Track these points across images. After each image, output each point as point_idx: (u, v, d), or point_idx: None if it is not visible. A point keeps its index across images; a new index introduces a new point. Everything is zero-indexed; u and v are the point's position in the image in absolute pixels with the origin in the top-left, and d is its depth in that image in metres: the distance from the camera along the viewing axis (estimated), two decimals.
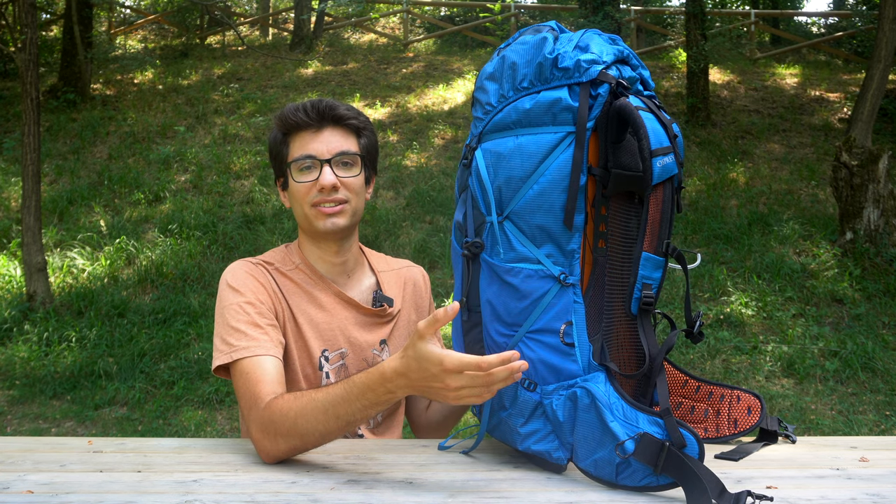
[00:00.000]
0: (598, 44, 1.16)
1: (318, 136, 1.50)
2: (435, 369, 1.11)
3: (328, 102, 1.52)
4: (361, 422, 1.23)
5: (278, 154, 1.54)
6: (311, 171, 1.49)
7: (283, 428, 1.24)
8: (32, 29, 6.67)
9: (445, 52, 14.59)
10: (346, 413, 1.21)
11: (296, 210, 1.53)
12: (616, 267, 1.18)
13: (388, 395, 1.18)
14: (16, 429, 5.00)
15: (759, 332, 6.30)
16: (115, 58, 12.94)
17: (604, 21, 9.40)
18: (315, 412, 1.22)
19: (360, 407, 1.20)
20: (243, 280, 1.48)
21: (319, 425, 1.22)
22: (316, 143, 1.49)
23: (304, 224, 1.53)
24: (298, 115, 1.49)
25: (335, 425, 1.22)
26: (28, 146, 6.57)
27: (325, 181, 1.47)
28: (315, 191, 1.48)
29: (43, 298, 6.56)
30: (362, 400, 1.20)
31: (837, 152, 7.31)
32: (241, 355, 1.37)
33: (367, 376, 1.20)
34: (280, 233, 7.80)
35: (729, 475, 1.18)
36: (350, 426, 1.22)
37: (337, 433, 1.23)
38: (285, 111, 1.52)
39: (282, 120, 1.52)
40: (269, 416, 1.26)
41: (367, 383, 1.19)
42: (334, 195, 1.48)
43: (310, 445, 1.25)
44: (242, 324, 1.41)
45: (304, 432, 1.23)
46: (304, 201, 1.49)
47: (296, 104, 1.52)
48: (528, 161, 1.15)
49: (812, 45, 14.75)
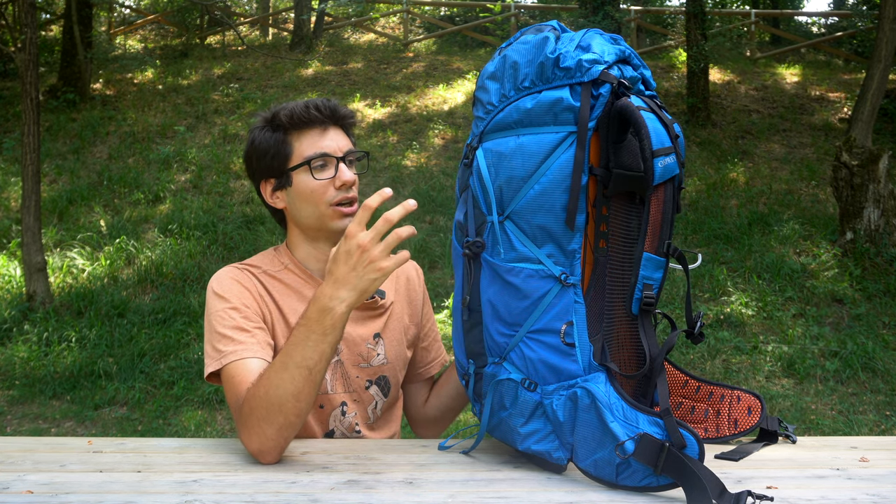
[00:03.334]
0: (599, 43, 1.16)
1: (327, 134, 1.50)
2: (343, 246, 1.18)
3: (332, 102, 1.52)
4: (321, 363, 1.22)
5: (278, 153, 1.50)
6: (327, 168, 1.49)
7: (260, 410, 1.23)
8: (32, 29, 6.67)
9: (445, 52, 14.59)
10: (303, 357, 1.21)
11: (304, 210, 1.50)
12: (617, 267, 1.18)
13: (328, 314, 1.20)
14: (16, 429, 5.00)
15: (759, 332, 6.30)
16: (115, 58, 12.94)
17: (604, 21, 9.41)
18: (277, 374, 1.23)
19: (312, 344, 1.21)
20: (228, 286, 1.48)
21: (287, 385, 1.22)
22: (327, 141, 1.49)
23: (314, 223, 1.51)
24: (311, 111, 1.48)
25: (300, 376, 1.21)
26: (28, 146, 6.57)
27: (347, 177, 1.47)
28: (332, 189, 1.48)
29: (43, 298, 6.56)
30: (311, 335, 1.21)
31: (837, 152, 7.31)
32: (228, 360, 1.37)
33: (304, 312, 1.23)
34: (280, 233, 7.80)
35: (729, 475, 1.18)
36: (314, 374, 1.22)
37: (306, 388, 1.22)
38: (292, 108, 1.50)
39: (290, 117, 1.49)
40: (248, 408, 1.25)
41: (306, 315, 1.22)
42: (352, 192, 1.49)
43: (291, 416, 1.23)
44: (229, 329, 1.41)
45: (278, 402, 1.22)
46: (321, 200, 1.48)
47: (298, 102, 1.51)
48: (530, 161, 1.15)
49: (812, 45, 14.75)
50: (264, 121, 1.54)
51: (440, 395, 1.67)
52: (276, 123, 1.51)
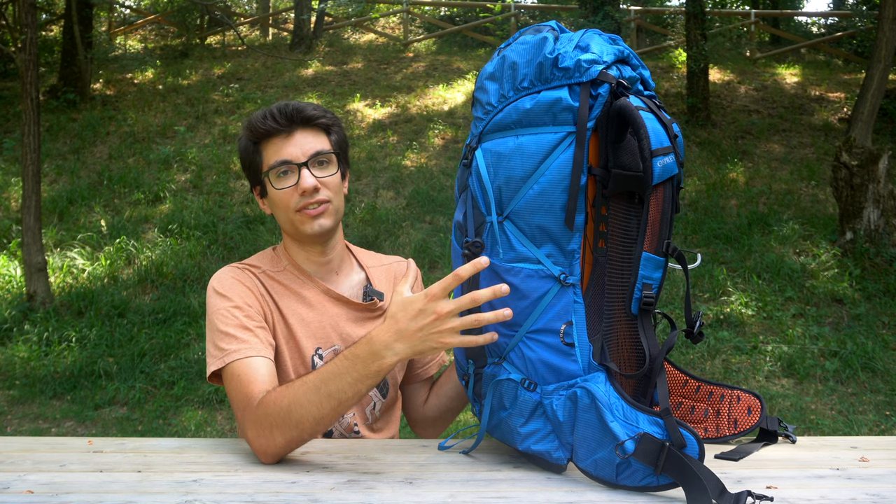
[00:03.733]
0: (598, 44, 1.16)
1: (291, 140, 1.48)
2: (420, 303, 1.14)
3: (295, 105, 1.50)
4: (354, 399, 1.21)
5: (251, 163, 1.52)
6: (290, 176, 1.48)
7: (277, 419, 1.23)
8: (32, 29, 6.67)
9: (445, 52, 14.59)
10: (338, 389, 1.20)
11: (279, 217, 1.52)
12: (616, 267, 1.18)
13: (377, 361, 1.17)
14: (16, 429, 5.00)
15: (759, 332, 6.30)
16: (115, 58, 12.93)
17: (604, 21, 9.41)
18: (307, 394, 1.21)
19: (350, 381, 1.19)
20: (230, 285, 1.48)
21: (313, 408, 1.21)
22: (290, 147, 1.48)
23: (290, 229, 1.52)
24: (267, 122, 1.47)
25: (328, 405, 1.20)
26: (28, 146, 6.57)
27: (305, 184, 1.45)
28: (296, 196, 1.47)
29: (43, 298, 6.56)
30: (352, 373, 1.19)
31: (837, 152, 7.31)
32: (231, 359, 1.37)
33: (354, 347, 1.20)
34: (280, 233, 7.79)
35: (729, 475, 1.18)
36: (342, 406, 1.21)
37: (330, 416, 1.22)
38: (253, 120, 1.50)
39: (251, 129, 1.50)
40: (263, 411, 1.25)
41: (355, 353, 1.19)
42: (316, 196, 1.47)
43: (306, 434, 1.23)
44: (231, 328, 1.41)
45: (298, 419, 1.21)
46: (288, 208, 1.48)
47: (263, 111, 1.50)
48: (529, 161, 1.15)
49: (812, 45, 14.75)
50: (244, 128, 1.54)
51: (440, 396, 1.67)
52: (248, 133, 1.52)
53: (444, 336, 1.15)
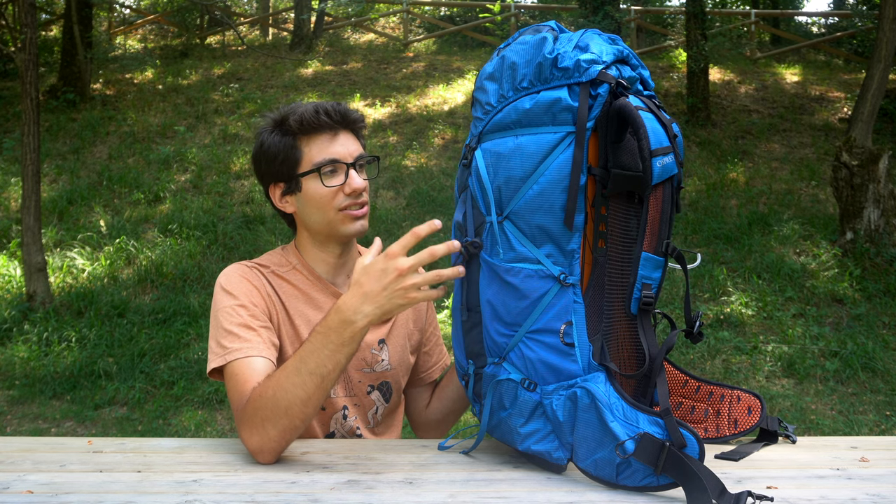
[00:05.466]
0: (597, 43, 1.16)
1: (337, 140, 1.48)
2: (381, 263, 1.17)
3: (342, 106, 1.50)
4: (335, 372, 1.22)
5: (287, 158, 1.48)
6: (337, 175, 1.47)
7: (266, 411, 1.23)
8: (32, 29, 6.67)
9: (445, 52, 14.59)
10: (318, 364, 1.21)
11: (313, 215, 1.50)
12: (616, 267, 1.18)
13: (349, 327, 1.19)
14: (16, 429, 5.00)
15: (759, 332, 6.30)
16: (115, 58, 12.93)
17: (604, 21, 9.40)
18: (289, 377, 1.22)
19: (328, 353, 1.20)
20: (237, 283, 1.48)
21: (297, 390, 1.21)
22: (337, 147, 1.48)
23: (325, 228, 1.50)
24: (321, 117, 1.46)
25: (311, 383, 1.21)
26: (28, 146, 6.57)
27: (357, 184, 1.46)
28: (341, 196, 1.47)
29: (43, 298, 6.56)
30: (328, 344, 1.20)
31: (837, 152, 7.31)
32: (233, 357, 1.37)
33: (325, 319, 1.22)
34: (280, 233, 7.80)
35: (729, 475, 1.18)
36: (326, 381, 1.22)
37: (316, 394, 1.22)
38: (301, 114, 1.46)
39: (300, 122, 1.46)
40: (252, 407, 1.25)
41: (327, 325, 1.21)
42: (361, 198, 1.48)
43: (297, 420, 1.23)
44: (235, 326, 1.41)
45: (286, 406, 1.22)
46: (331, 206, 1.47)
47: (308, 106, 1.48)
48: (528, 161, 1.15)
49: (812, 45, 14.75)
50: (273, 123, 1.50)
51: (442, 399, 1.67)
52: (286, 127, 1.48)
53: (409, 291, 1.18)
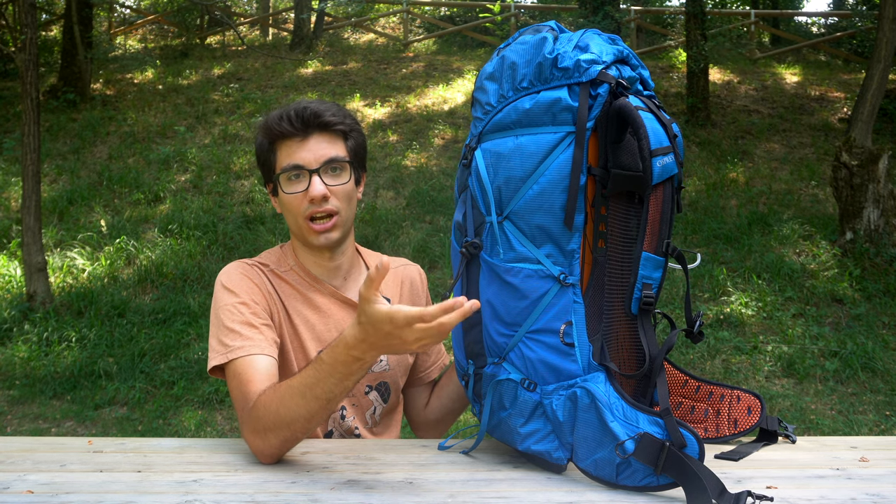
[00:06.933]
0: (597, 44, 1.16)
1: (305, 145, 1.46)
2: (387, 328, 1.11)
3: (313, 109, 1.47)
4: (341, 395, 1.21)
5: (266, 161, 1.51)
6: (300, 180, 1.46)
7: (268, 422, 1.22)
8: (32, 29, 6.67)
9: (445, 52, 14.59)
10: (324, 392, 1.19)
11: (288, 219, 1.52)
12: (616, 267, 1.18)
13: (357, 362, 1.17)
14: (16, 429, 5.00)
15: (759, 332, 6.30)
16: (115, 58, 12.94)
17: (604, 21, 9.40)
18: (294, 398, 1.21)
19: (335, 382, 1.19)
20: (238, 281, 1.47)
21: (301, 409, 1.20)
22: (303, 152, 1.46)
23: (298, 234, 1.52)
24: (283, 124, 1.45)
25: (316, 406, 1.20)
26: (28, 146, 6.57)
27: (314, 192, 1.44)
28: (306, 202, 1.46)
29: (43, 298, 6.56)
30: (335, 375, 1.19)
31: (837, 152, 7.31)
32: (235, 355, 1.36)
33: (333, 351, 1.19)
34: (280, 233, 7.80)
35: (729, 475, 1.18)
36: (332, 403, 1.21)
37: (321, 413, 1.21)
38: (269, 119, 1.48)
39: (266, 129, 1.48)
40: (256, 414, 1.25)
41: (334, 357, 1.18)
42: (325, 206, 1.46)
43: (299, 433, 1.23)
44: (237, 324, 1.41)
45: (289, 420, 1.21)
46: (297, 213, 1.47)
47: (280, 111, 1.48)
48: (528, 161, 1.15)
49: (812, 45, 14.75)
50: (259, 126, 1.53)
51: (441, 398, 1.67)
52: (263, 132, 1.50)
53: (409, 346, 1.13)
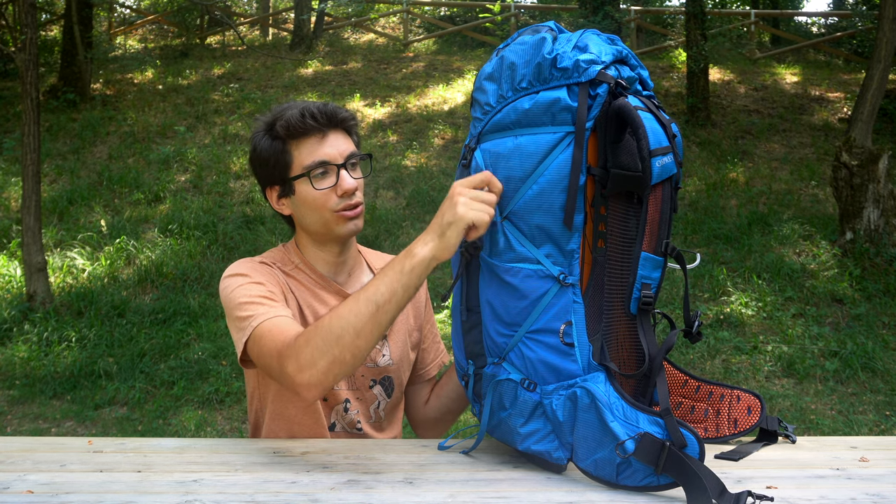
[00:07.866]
0: (596, 44, 1.16)
1: (326, 141, 1.48)
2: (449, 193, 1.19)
3: (331, 106, 1.49)
4: (391, 304, 1.20)
5: (278, 163, 1.49)
6: (327, 177, 1.47)
7: (318, 339, 1.21)
8: (32, 29, 6.67)
9: (445, 52, 14.59)
10: (375, 291, 1.20)
11: (310, 217, 1.50)
12: (615, 267, 1.18)
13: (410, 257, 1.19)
14: (16, 429, 5.00)
15: (759, 332, 6.30)
16: (115, 58, 12.94)
17: (604, 21, 9.41)
18: (346, 305, 1.21)
19: (388, 280, 1.19)
20: (248, 267, 1.49)
21: (352, 317, 1.19)
22: (326, 148, 1.47)
23: (321, 229, 1.51)
24: (307, 121, 1.46)
25: (367, 311, 1.19)
26: (28, 146, 6.57)
27: (348, 185, 1.46)
28: (335, 197, 1.47)
29: (43, 298, 6.56)
30: (387, 273, 1.20)
31: (837, 152, 7.31)
32: (258, 321, 1.35)
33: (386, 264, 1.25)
34: (280, 233, 7.80)
35: (729, 475, 1.18)
36: (380, 314, 1.19)
37: (369, 326, 1.19)
38: (289, 117, 1.47)
39: (287, 126, 1.47)
40: (304, 338, 1.23)
41: (394, 258, 1.23)
42: (354, 198, 1.48)
43: (347, 353, 1.20)
44: (255, 297, 1.40)
45: (339, 332, 1.19)
46: (325, 208, 1.48)
47: (296, 109, 1.48)
48: (528, 161, 1.15)
49: (812, 45, 14.75)
50: (265, 127, 1.52)
51: (440, 397, 1.67)
52: (275, 132, 1.49)
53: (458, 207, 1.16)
